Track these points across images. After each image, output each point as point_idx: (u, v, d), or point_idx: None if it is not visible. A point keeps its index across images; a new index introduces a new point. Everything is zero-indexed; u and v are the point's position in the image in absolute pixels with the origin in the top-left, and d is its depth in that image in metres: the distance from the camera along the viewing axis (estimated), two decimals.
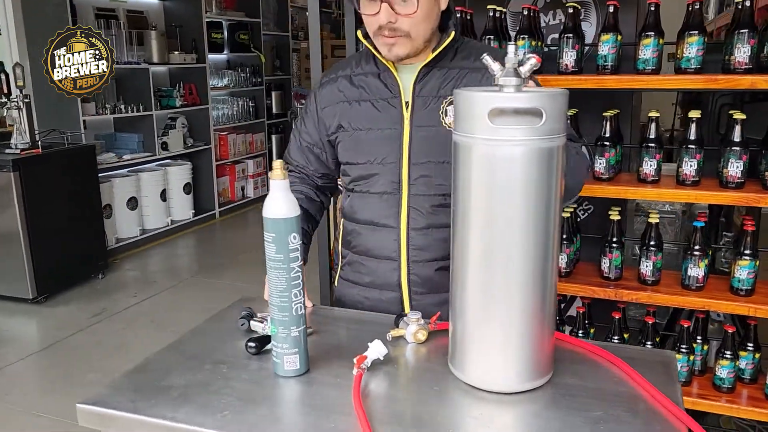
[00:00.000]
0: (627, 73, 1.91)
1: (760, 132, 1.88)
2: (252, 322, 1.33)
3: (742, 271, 1.86)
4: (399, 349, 1.24)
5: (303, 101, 6.04)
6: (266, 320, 1.30)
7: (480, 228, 1.05)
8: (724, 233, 2.45)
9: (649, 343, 2.00)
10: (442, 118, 1.37)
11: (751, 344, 1.94)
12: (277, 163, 1.09)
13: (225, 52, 6.60)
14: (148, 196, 5.41)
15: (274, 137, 7.26)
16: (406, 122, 1.38)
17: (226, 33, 6.56)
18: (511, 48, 1.02)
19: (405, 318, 1.28)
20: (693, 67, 1.80)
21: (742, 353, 1.95)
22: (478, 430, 1.00)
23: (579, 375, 1.13)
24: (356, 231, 1.46)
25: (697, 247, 1.89)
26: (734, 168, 1.79)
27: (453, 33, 1.34)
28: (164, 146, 5.51)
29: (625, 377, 1.12)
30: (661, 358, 1.21)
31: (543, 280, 1.04)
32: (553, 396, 1.07)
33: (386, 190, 1.41)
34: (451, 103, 1.36)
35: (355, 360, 1.13)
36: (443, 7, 1.34)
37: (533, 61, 1.02)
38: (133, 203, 5.21)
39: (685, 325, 1.98)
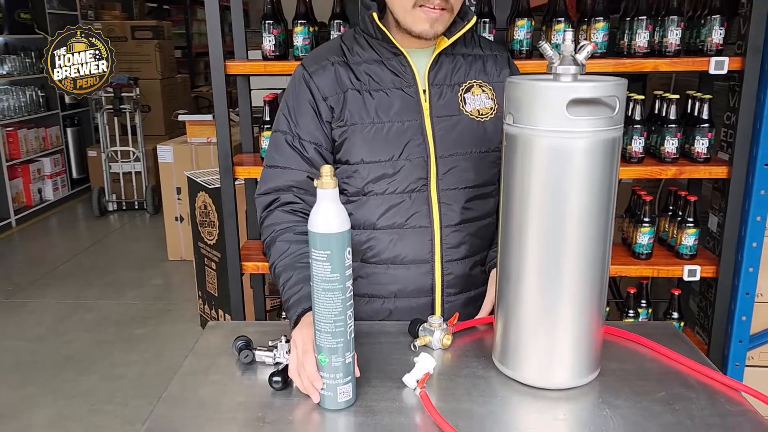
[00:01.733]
0: (537, 58, 1.99)
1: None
2: (257, 352, 1.14)
3: (644, 237, 2.06)
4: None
5: (108, 89, 5.44)
6: (275, 348, 1.14)
7: (542, 224, 1.00)
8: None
9: None
10: (462, 106, 1.29)
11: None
12: (326, 169, 0.93)
13: (2, 33, 5.64)
14: None
15: (69, 131, 6.42)
16: (426, 112, 1.27)
17: (4, 11, 5.60)
18: (568, 35, 0.99)
19: (425, 325, 1.20)
20: (600, 51, 1.93)
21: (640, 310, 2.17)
22: (561, 429, 0.97)
23: (613, 359, 1.15)
24: (377, 238, 1.30)
25: None
26: (637, 144, 1.97)
27: (473, 20, 1.27)
28: None
29: (654, 355, 1.17)
30: (671, 331, 1.28)
31: (601, 274, 1.03)
32: (611, 383, 1.08)
33: (414, 188, 1.28)
34: (468, 90, 1.29)
35: (415, 380, 1.03)
36: None
37: (590, 47, 1.00)
38: None
39: (631, 292, 2.14)
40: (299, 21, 1.97)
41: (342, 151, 1.29)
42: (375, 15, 1.26)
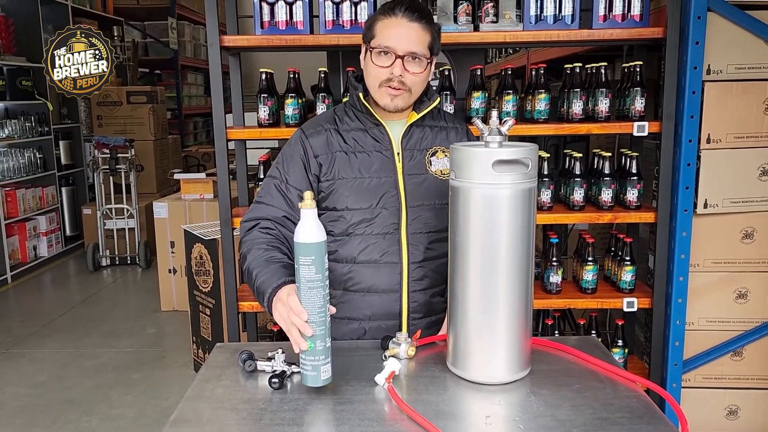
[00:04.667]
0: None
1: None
2: (258, 362, 1.43)
3: (588, 274, 2.38)
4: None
5: (105, 150, 5.77)
6: (274, 358, 1.42)
7: (479, 254, 1.32)
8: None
9: None
10: (428, 167, 1.63)
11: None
12: (307, 194, 1.24)
13: (5, 99, 5.99)
14: None
15: (64, 190, 6.71)
16: (399, 171, 1.61)
17: (6, 79, 5.96)
18: (494, 113, 1.33)
19: (393, 339, 1.49)
20: (543, 117, 2.30)
21: None
22: (500, 412, 1.26)
23: (544, 363, 1.45)
24: (356, 271, 1.61)
25: (554, 259, 2.38)
26: (578, 194, 2.31)
27: (437, 100, 1.63)
28: None
29: (576, 360, 1.47)
30: (592, 342, 1.59)
31: (527, 292, 1.35)
32: (539, 379, 1.37)
33: (388, 231, 1.59)
34: (433, 154, 1.63)
35: (383, 378, 1.32)
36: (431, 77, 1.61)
37: (511, 122, 1.34)
38: None
39: (549, 323, 2.45)
40: (289, 94, 2.33)
41: (329, 200, 1.62)
42: (361, 94, 1.61)
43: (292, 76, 2.34)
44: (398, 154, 1.62)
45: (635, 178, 2.31)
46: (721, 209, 2.29)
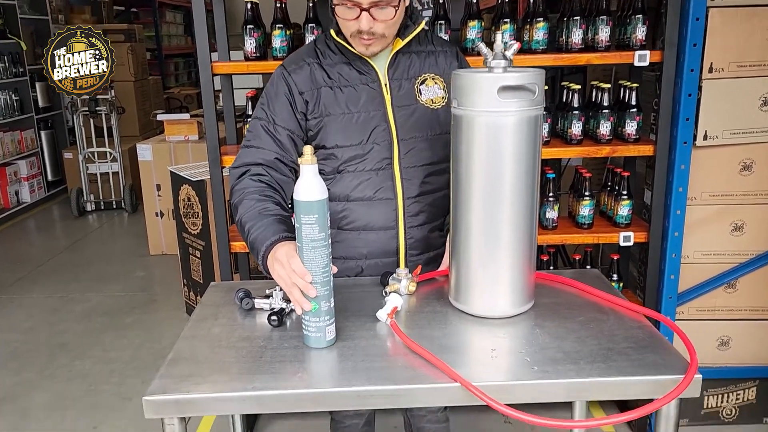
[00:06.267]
0: None
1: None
2: (256, 300, 1.39)
3: (585, 209, 2.35)
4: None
5: (99, 93, 5.58)
6: (272, 296, 1.38)
7: (482, 185, 1.27)
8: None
9: None
10: (418, 97, 1.55)
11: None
12: (307, 149, 1.18)
13: None
14: None
15: (43, 133, 6.53)
16: (388, 104, 1.53)
17: None
18: (498, 36, 1.26)
19: (393, 275, 1.46)
20: (541, 47, 2.21)
21: None
22: (505, 345, 1.24)
23: (547, 296, 1.42)
24: (350, 209, 1.55)
25: (551, 195, 2.34)
26: (576, 128, 2.26)
27: (423, 24, 1.53)
28: None
29: (579, 292, 1.45)
30: (593, 274, 1.57)
31: (531, 224, 1.31)
32: (542, 312, 1.35)
33: (380, 167, 1.53)
34: (422, 82, 1.55)
35: (385, 313, 1.29)
36: (407, 3, 1.50)
37: (516, 46, 1.27)
38: None
39: (544, 259, 2.43)
40: (277, 25, 2.21)
41: (318, 138, 1.54)
42: (333, 32, 1.52)
43: (278, 5, 2.22)
44: (385, 85, 1.54)
45: (634, 110, 2.25)
46: (721, 141, 2.24)
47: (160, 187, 4.56)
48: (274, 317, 1.31)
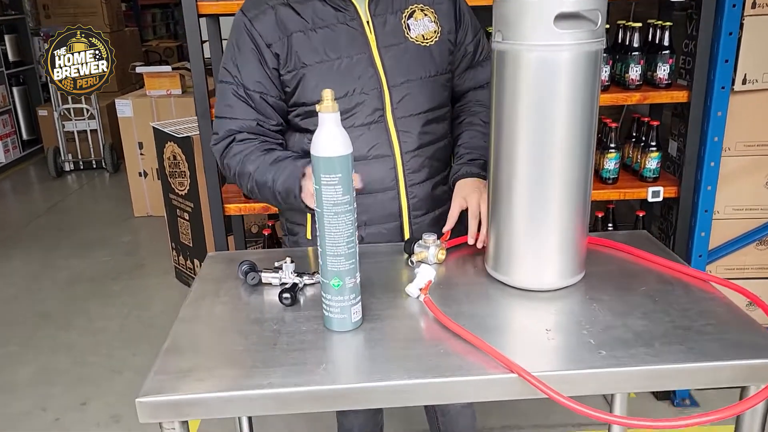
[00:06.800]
0: None
1: None
2: (263, 274, 1.20)
3: (610, 162, 2.16)
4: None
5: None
6: (281, 270, 1.19)
7: (531, 136, 1.07)
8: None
9: None
10: (406, 33, 1.33)
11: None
12: (327, 93, 0.96)
13: None
14: None
15: (15, 90, 6.18)
16: (373, 45, 1.30)
17: None
18: None
19: (420, 242, 1.27)
20: None
21: None
22: (561, 323, 1.06)
23: (594, 263, 1.24)
24: None
25: None
26: (603, 72, 2.05)
27: None
28: None
29: (632, 258, 1.27)
30: (642, 236, 1.39)
31: (586, 181, 1.11)
32: (595, 283, 1.17)
33: (372, 120, 1.32)
34: (410, 15, 1.33)
35: (418, 288, 1.10)
36: None
37: None
38: None
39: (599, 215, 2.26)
40: None
41: (297, 94, 1.31)
42: None
43: None
44: (368, 23, 1.31)
45: (667, 52, 2.04)
46: (761, 85, 2.05)
47: (143, 145, 4.30)
48: (286, 295, 1.11)
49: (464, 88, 1.48)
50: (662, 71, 2.06)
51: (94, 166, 5.67)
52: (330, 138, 0.96)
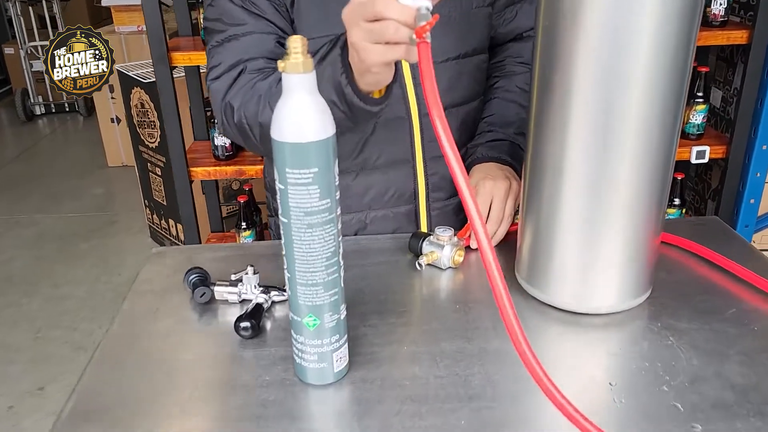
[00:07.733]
0: None
1: None
2: (216, 288, 0.88)
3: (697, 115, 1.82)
4: (436, 280, 0.93)
5: None
6: (240, 283, 0.88)
7: (593, 94, 0.74)
8: None
9: None
10: None
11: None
12: (295, 42, 0.61)
13: None
14: None
15: None
16: None
17: None
18: None
19: (431, 238, 0.95)
20: None
21: None
22: (627, 370, 0.76)
23: (660, 267, 0.93)
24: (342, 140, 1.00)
25: None
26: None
27: None
28: None
29: (707, 256, 0.96)
30: (714, 223, 1.07)
31: (666, 165, 0.79)
32: (664, 300, 0.86)
33: None
34: None
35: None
36: None
37: None
38: None
39: None
40: None
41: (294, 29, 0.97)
42: None
43: None
44: None
45: None
46: None
47: (113, 88, 3.89)
48: (245, 324, 0.80)
49: (505, 31, 1.13)
50: (717, 6, 1.70)
51: (67, 110, 5.26)
52: (299, 114, 0.63)
